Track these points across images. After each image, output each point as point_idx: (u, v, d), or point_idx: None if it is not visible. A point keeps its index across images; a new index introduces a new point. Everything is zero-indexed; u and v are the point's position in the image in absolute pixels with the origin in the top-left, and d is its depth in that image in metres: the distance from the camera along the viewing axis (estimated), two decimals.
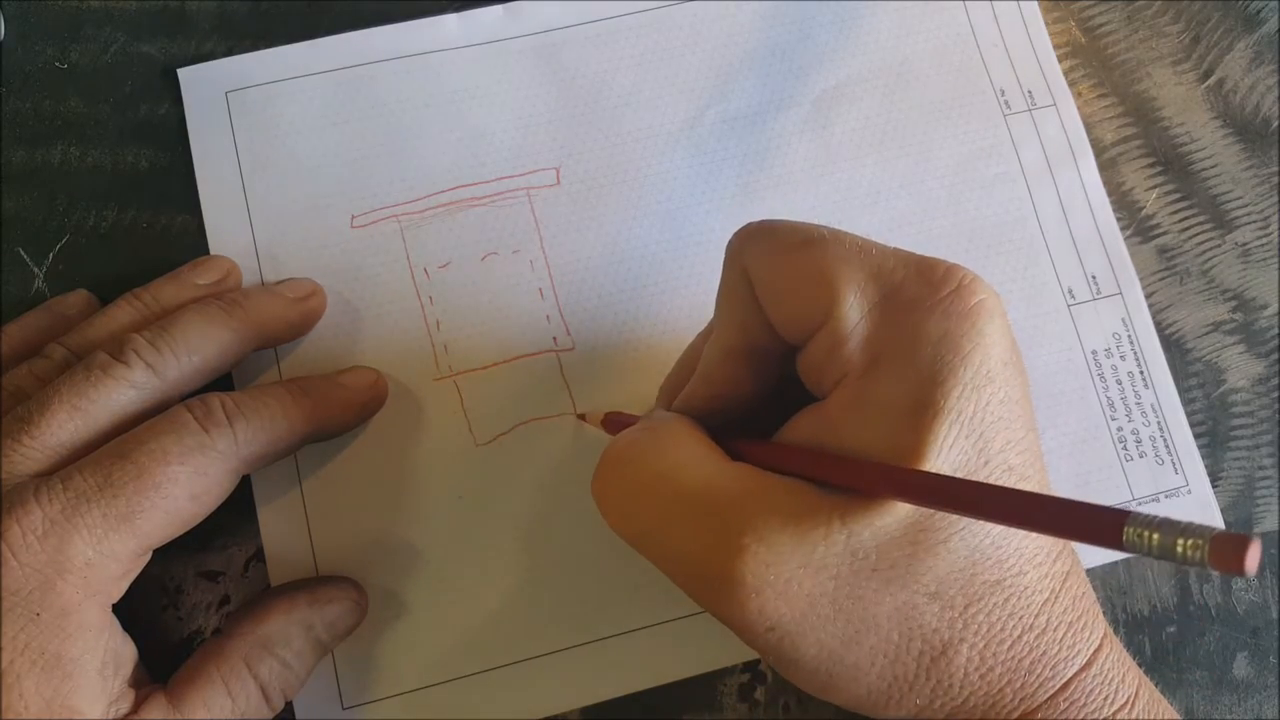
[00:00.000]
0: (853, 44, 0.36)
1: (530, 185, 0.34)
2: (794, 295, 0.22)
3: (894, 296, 0.21)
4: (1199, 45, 0.37)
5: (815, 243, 0.22)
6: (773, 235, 0.23)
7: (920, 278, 0.21)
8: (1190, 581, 0.33)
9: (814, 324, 0.22)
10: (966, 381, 0.20)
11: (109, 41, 0.34)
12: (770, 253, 0.23)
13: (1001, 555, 0.20)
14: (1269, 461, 0.34)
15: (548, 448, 0.32)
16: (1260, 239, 0.36)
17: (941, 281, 0.21)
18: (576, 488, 0.31)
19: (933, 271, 0.21)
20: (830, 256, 0.21)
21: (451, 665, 0.31)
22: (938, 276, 0.21)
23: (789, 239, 0.22)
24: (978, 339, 0.20)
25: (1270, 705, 0.32)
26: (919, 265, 0.21)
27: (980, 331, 0.20)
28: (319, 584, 0.30)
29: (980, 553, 0.20)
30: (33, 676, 0.23)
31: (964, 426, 0.20)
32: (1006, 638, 0.20)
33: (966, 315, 0.20)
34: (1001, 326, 0.21)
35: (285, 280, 0.32)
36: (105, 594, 0.25)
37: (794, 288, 0.22)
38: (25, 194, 0.33)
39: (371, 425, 0.32)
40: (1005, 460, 0.20)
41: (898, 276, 0.21)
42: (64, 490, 0.24)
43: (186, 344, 0.27)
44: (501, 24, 0.35)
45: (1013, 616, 0.20)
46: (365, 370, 0.31)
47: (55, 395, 0.25)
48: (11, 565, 0.23)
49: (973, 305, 0.20)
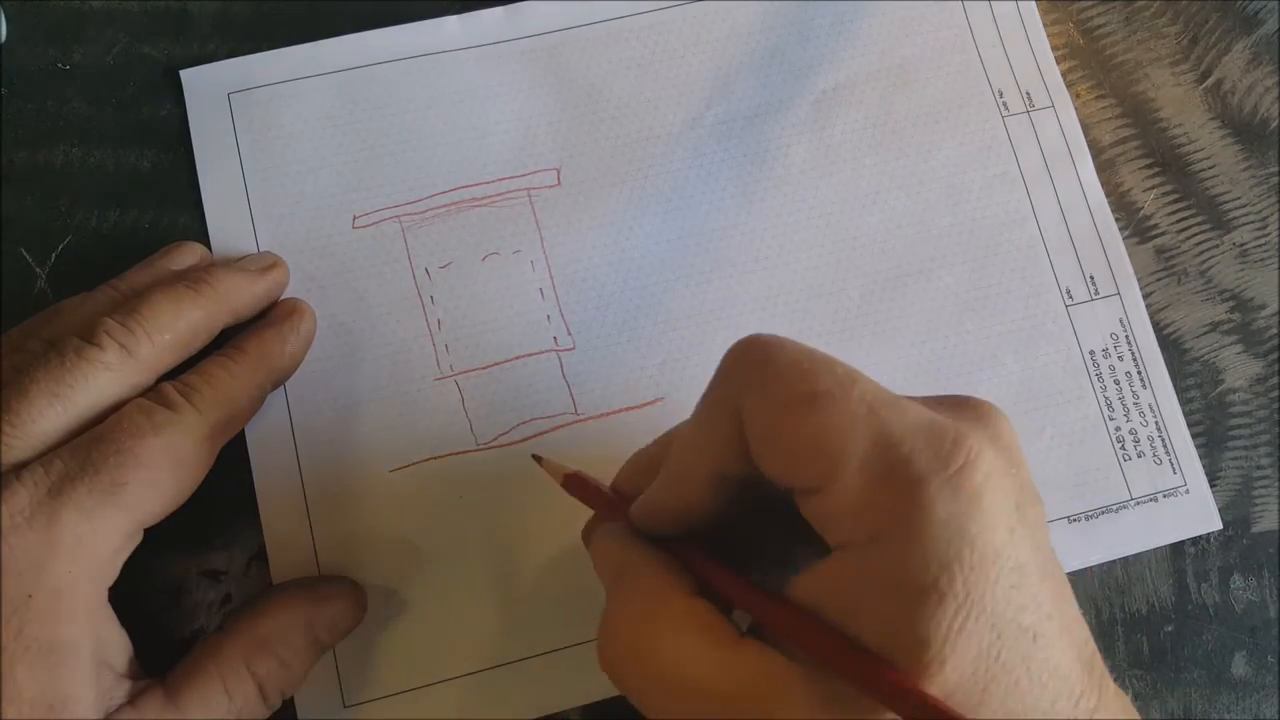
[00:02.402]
0: (852, 46, 0.36)
1: (531, 186, 0.34)
2: (793, 457, 0.21)
3: (900, 469, 0.20)
4: (1197, 46, 0.37)
5: (822, 401, 0.20)
6: (777, 380, 0.21)
7: (929, 449, 0.20)
8: (1189, 581, 0.33)
9: (810, 486, 0.21)
10: (974, 565, 0.19)
11: (111, 42, 0.35)
12: (771, 405, 0.21)
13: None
14: (1267, 461, 0.34)
15: (548, 448, 0.32)
16: (1258, 239, 0.36)
17: (949, 456, 0.20)
18: None
19: (940, 443, 0.20)
20: (836, 421, 0.20)
21: (452, 664, 0.31)
22: (945, 449, 0.20)
23: (791, 392, 0.21)
24: (983, 520, 0.19)
25: (1269, 705, 0.33)
26: (929, 435, 0.20)
27: (985, 511, 0.20)
28: (318, 583, 0.30)
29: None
30: (26, 662, 0.23)
31: (972, 609, 0.19)
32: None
33: (974, 495, 0.20)
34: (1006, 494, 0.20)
35: (246, 255, 0.32)
36: (99, 575, 0.25)
37: (793, 449, 0.21)
38: (27, 195, 0.33)
39: (373, 425, 0.32)
40: (1018, 624, 0.20)
41: (905, 449, 0.20)
42: (47, 474, 0.25)
43: (157, 322, 0.28)
44: (503, 25, 0.35)
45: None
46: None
47: (32, 383, 0.26)
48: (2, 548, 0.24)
49: (978, 484, 0.20)
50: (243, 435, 0.31)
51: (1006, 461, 0.21)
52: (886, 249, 0.34)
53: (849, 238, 0.34)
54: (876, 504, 0.20)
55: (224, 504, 0.31)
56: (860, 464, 0.20)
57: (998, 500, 0.20)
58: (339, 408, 0.32)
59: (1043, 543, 0.21)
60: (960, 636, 0.19)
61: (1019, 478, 0.21)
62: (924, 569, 0.19)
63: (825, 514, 0.21)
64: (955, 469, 0.20)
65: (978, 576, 0.19)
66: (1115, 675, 0.32)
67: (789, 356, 0.21)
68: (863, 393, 0.21)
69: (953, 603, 0.19)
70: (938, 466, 0.20)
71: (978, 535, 0.19)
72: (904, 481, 0.20)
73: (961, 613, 0.19)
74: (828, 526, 0.21)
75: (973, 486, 0.20)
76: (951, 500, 0.19)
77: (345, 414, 0.32)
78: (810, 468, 0.21)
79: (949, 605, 0.19)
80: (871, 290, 0.34)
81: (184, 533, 0.29)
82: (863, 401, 0.20)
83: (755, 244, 0.34)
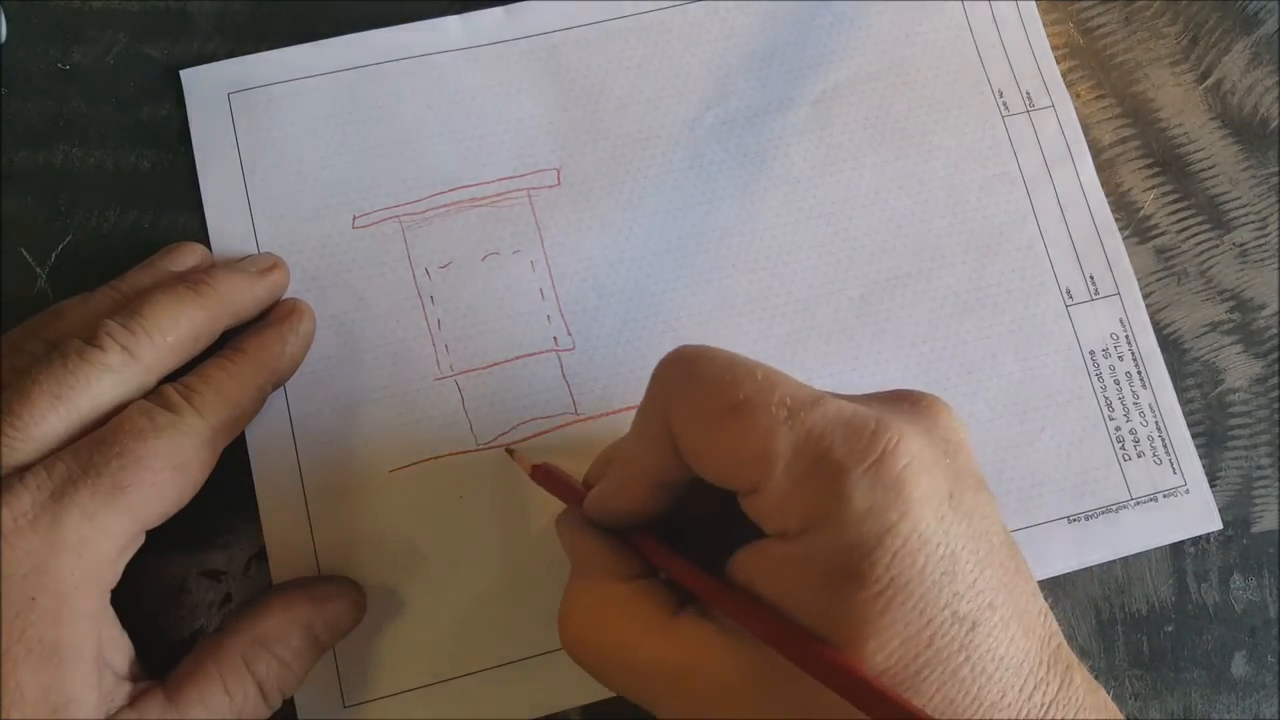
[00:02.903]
0: (852, 45, 0.36)
1: (531, 186, 0.34)
2: (722, 464, 0.22)
3: (822, 462, 0.21)
4: (1197, 46, 0.37)
5: (743, 410, 0.21)
6: (699, 392, 0.22)
7: (846, 443, 0.21)
8: (1189, 580, 0.33)
9: (743, 489, 0.22)
10: (895, 550, 0.20)
11: (111, 43, 0.35)
12: (696, 415, 0.22)
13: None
14: (1267, 461, 0.34)
15: (547, 447, 0.32)
16: (1258, 239, 0.36)
17: (867, 448, 0.20)
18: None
19: (859, 436, 0.21)
20: (758, 428, 0.21)
21: (452, 663, 0.31)
22: (863, 443, 0.20)
23: (715, 402, 0.22)
24: (904, 507, 0.20)
25: (1269, 704, 0.33)
26: (847, 428, 0.21)
27: (907, 499, 0.20)
28: (318, 583, 0.30)
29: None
30: (28, 664, 0.23)
31: (895, 594, 0.20)
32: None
33: (893, 484, 0.20)
34: (933, 482, 0.21)
35: (246, 256, 0.32)
36: (101, 577, 0.25)
37: (721, 456, 0.22)
38: (27, 195, 0.33)
39: (373, 425, 0.32)
40: (953, 611, 0.20)
41: (825, 443, 0.21)
42: (49, 476, 0.25)
43: (159, 325, 0.28)
44: (502, 26, 0.35)
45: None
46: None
47: (35, 385, 0.26)
48: (4, 550, 0.24)
49: (899, 472, 0.20)
50: (243, 435, 0.31)
51: (938, 451, 0.21)
52: (886, 249, 0.34)
53: (849, 238, 0.34)
54: (804, 499, 0.21)
55: (224, 504, 0.31)
56: (785, 465, 0.21)
57: (922, 487, 0.20)
58: (339, 408, 0.32)
59: (986, 531, 0.21)
60: (883, 620, 0.19)
61: (954, 466, 0.21)
62: (845, 556, 0.20)
63: (760, 512, 0.22)
64: (873, 459, 0.20)
65: (900, 563, 0.20)
66: (1115, 675, 0.32)
67: (710, 369, 0.22)
68: (782, 396, 0.21)
69: (873, 587, 0.20)
70: (856, 458, 0.20)
71: (899, 522, 0.20)
72: (826, 475, 0.20)
73: (883, 598, 0.20)
74: (764, 522, 0.22)
75: (892, 475, 0.20)
76: (870, 490, 0.20)
77: (345, 414, 0.32)
78: (740, 473, 0.22)
79: (869, 589, 0.20)
80: (871, 290, 0.34)
81: (184, 533, 0.29)
82: (783, 405, 0.21)
83: (755, 244, 0.34)
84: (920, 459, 0.21)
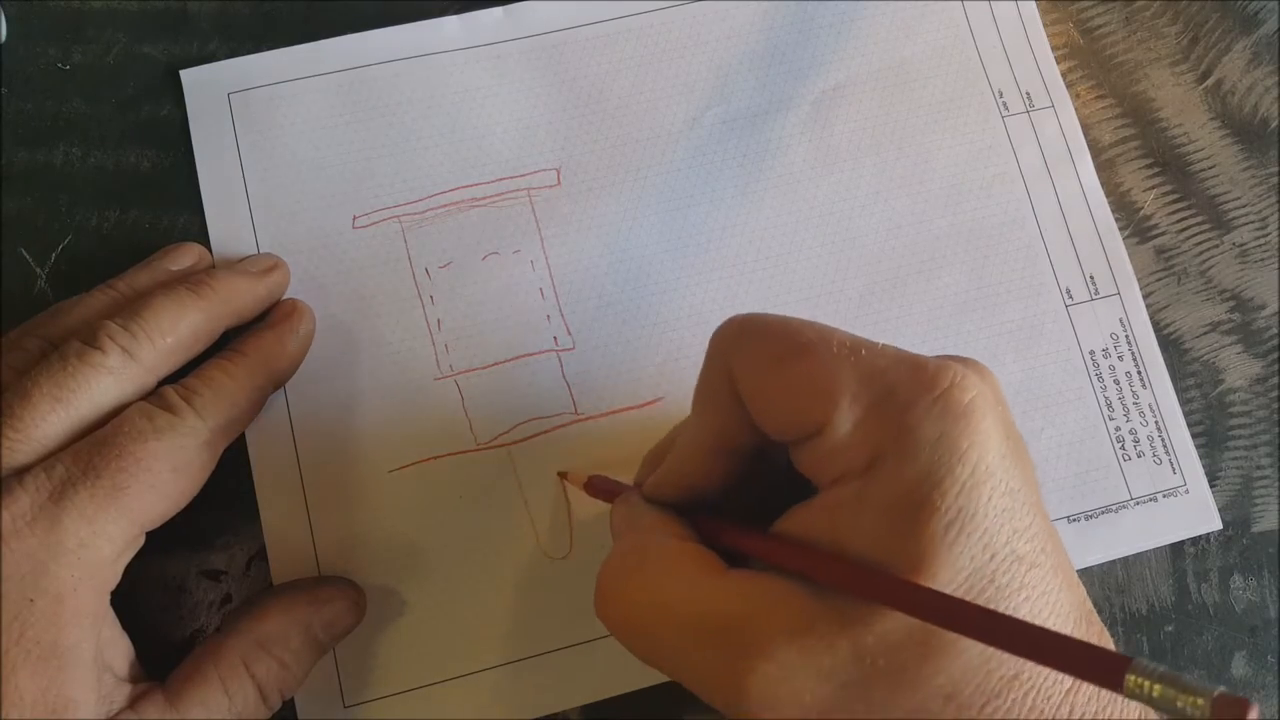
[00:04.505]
0: (852, 45, 0.36)
1: (531, 186, 0.34)
2: (787, 406, 0.22)
3: (888, 399, 0.21)
4: (1197, 46, 0.37)
5: (807, 350, 0.22)
6: (762, 340, 0.22)
7: (913, 378, 0.21)
8: (1189, 581, 0.33)
9: (808, 431, 0.21)
10: (965, 480, 0.20)
11: (111, 42, 0.35)
12: (760, 362, 0.22)
13: None
14: (1267, 461, 0.34)
15: (547, 447, 0.32)
16: (1258, 239, 0.36)
17: (933, 381, 0.20)
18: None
19: (923, 371, 0.21)
20: (823, 365, 0.21)
21: (452, 664, 0.31)
22: (929, 376, 0.21)
23: (779, 347, 0.22)
24: (973, 437, 0.20)
25: (1269, 705, 0.33)
26: (911, 365, 0.21)
27: (975, 429, 0.20)
28: (317, 584, 0.30)
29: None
30: (28, 667, 0.23)
31: (964, 525, 0.19)
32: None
33: (962, 414, 0.20)
34: (996, 420, 0.21)
35: (246, 257, 0.32)
36: (100, 579, 0.25)
37: (787, 398, 0.22)
38: (27, 195, 0.33)
39: (373, 424, 0.32)
40: (1012, 550, 0.20)
41: (890, 378, 0.21)
42: (48, 478, 0.25)
43: (159, 326, 0.28)
44: (502, 26, 0.35)
45: (1033, 710, 0.20)
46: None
47: (35, 386, 0.26)
48: (4, 552, 0.24)
49: (966, 403, 0.20)
50: (243, 435, 0.31)
51: (994, 395, 0.21)
52: (886, 249, 0.34)
53: (849, 238, 0.34)
54: (869, 433, 0.21)
55: (224, 504, 0.31)
56: (850, 399, 0.21)
57: (989, 420, 0.20)
58: (339, 408, 0.32)
59: (1032, 480, 0.21)
60: (953, 551, 0.19)
61: (1006, 416, 0.22)
62: (915, 486, 0.20)
63: (821, 456, 0.21)
64: (941, 390, 0.20)
65: (969, 494, 0.20)
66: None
67: (769, 322, 0.23)
68: (842, 339, 0.22)
69: (944, 517, 0.19)
70: (923, 391, 0.20)
71: (969, 450, 0.20)
72: (893, 407, 0.20)
73: (954, 527, 0.19)
74: (825, 468, 0.21)
75: (961, 406, 0.20)
76: (940, 419, 0.20)
77: (345, 414, 0.32)
78: (804, 412, 0.21)
79: (940, 519, 0.19)
80: (871, 290, 0.34)
81: (184, 533, 0.29)
82: (844, 345, 0.21)
83: (755, 244, 0.34)
84: (983, 395, 0.21)
